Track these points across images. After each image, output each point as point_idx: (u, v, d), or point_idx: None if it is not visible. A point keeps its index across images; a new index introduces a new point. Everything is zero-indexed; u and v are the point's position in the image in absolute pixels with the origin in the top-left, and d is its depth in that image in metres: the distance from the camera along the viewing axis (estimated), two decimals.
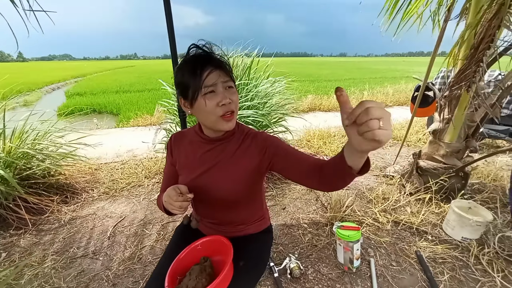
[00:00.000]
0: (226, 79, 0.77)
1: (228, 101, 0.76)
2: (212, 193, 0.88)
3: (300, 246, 1.69)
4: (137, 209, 2.18)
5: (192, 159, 0.90)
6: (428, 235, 1.70)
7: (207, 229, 1.00)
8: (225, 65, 0.79)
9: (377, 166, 2.83)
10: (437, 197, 1.98)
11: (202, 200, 0.91)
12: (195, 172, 0.89)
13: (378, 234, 1.74)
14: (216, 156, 0.88)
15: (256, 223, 1.02)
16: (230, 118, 0.78)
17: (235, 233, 0.99)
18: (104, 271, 1.54)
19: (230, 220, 0.96)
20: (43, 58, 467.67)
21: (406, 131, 2.24)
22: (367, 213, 1.98)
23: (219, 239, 0.86)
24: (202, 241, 0.89)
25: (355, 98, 7.35)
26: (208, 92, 0.75)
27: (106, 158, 3.26)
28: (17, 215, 1.96)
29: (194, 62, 0.76)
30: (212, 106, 0.75)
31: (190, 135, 0.94)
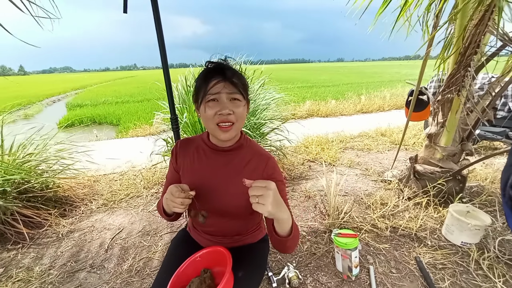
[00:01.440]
0: (232, 91, 0.79)
1: (226, 112, 0.78)
2: (213, 203, 0.88)
3: (299, 254, 1.68)
4: (135, 221, 2.18)
5: (197, 166, 0.91)
6: (428, 240, 1.69)
7: (204, 240, 1.00)
8: (236, 79, 0.80)
9: (375, 171, 2.83)
10: (436, 201, 1.98)
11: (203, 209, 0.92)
12: (198, 179, 0.89)
13: (377, 241, 1.73)
14: (221, 167, 0.89)
15: (253, 233, 1.02)
16: (226, 129, 0.80)
17: (232, 243, 0.99)
18: (102, 285, 1.53)
19: (227, 231, 0.96)
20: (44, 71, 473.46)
21: (402, 136, 2.25)
22: (366, 219, 1.97)
23: (218, 250, 0.86)
24: (201, 253, 0.89)
25: (352, 103, 7.40)
26: (211, 99, 0.78)
27: (105, 170, 3.27)
28: (15, 230, 1.95)
29: (207, 70, 0.80)
30: (211, 113, 0.78)
31: (197, 142, 0.95)
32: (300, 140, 4.10)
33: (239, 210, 0.89)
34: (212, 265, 0.88)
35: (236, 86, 0.79)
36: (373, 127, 4.88)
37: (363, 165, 3.08)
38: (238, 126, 0.82)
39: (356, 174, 2.84)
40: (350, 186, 2.53)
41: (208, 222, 0.96)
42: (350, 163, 3.16)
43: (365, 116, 6.41)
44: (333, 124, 5.58)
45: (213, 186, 0.89)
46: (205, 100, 0.79)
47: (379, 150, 3.64)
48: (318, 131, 4.62)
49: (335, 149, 3.65)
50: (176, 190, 0.77)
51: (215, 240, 0.98)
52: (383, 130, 4.60)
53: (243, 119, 0.84)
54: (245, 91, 0.83)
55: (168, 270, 0.90)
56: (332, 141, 4.09)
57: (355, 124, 5.44)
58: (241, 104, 0.81)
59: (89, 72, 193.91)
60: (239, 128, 0.84)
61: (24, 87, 23.06)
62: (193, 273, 0.86)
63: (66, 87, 21.90)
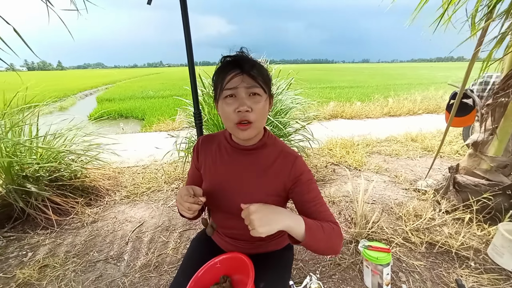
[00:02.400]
0: (251, 84, 0.71)
1: (245, 109, 0.70)
2: (234, 205, 0.82)
3: (322, 264, 1.58)
4: (155, 215, 2.19)
5: (219, 165, 0.85)
6: (471, 261, 1.51)
7: (225, 243, 0.94)
8: (256, 71, 0.72)
9: (406, 179, 2.62)
10: (480, 217, 1.77)
11: (223, 210, 0.86)
12: (219, 179, 0.84)
13: (411, 256, 1.57)
14: (244, 167, 0.83)
15: (277, 239, 0.94)
16: (245, 127, 0.73)
17: (254, 249, 0.92)
18: (121, 277, 1.54)
19: (250, 236, 0.89)
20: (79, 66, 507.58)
21: (440, 143, 2.04)
22: (397, 231, 1.81)
23: (240, 257, 0.81)
24: (221, 258, 0.83)
25: (379, 105, 7.03)
26: (228, 95, 0.72)
27: (129, 162, 3.36)
28: (45, 216, 2.04)
29: (225, 64, 0.74)
30: (230, 111, 0.72)
31: (219, 139, 0.89)
32: (324, 142, 3.94)
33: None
34: (232, 272, 0.82)
35: (256, 79, 0.71)
36: (402, 132, 4.58)
37: (392, 171, 2.88)
38: (258, 124, 0.75)
39: (385, 181, 2.65)
40: (378, 194, 2.36)
41: (230, 224, 0.89)
42: (378, 168, 2.96)
43: (393, 120, 6.05)
44: (358, 126, 5.33)
45: (235, 187, 0.82)
46: (222, 96, 0.73)
47: (409, 156, 3.39)
48: (342, 133, 4.42)
49: (360, 153, 3.45)
50: (185, 193, 0.72)
51: (236, 245, 0.91)
52: (413, 135, 4.29)
53: (264, 115, 0.76)
54: (267, 84, 0.75)
55: (185, 273, 0.85)
56: (358, 144, 3.88)
57: (382, 127, 5.15)
58: (261, 100, 0.73)
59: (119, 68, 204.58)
60: (260, 126, 0.77)
61: (61, 81, 24.79)
62: (212, 279, 0.81)
63: (98, 82, 23.21)
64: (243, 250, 0.89)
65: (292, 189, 0.80)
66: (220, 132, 0.91)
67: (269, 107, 0.79)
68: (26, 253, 1.76)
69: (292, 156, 0.81)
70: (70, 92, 14.54)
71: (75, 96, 13.86)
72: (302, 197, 0.78)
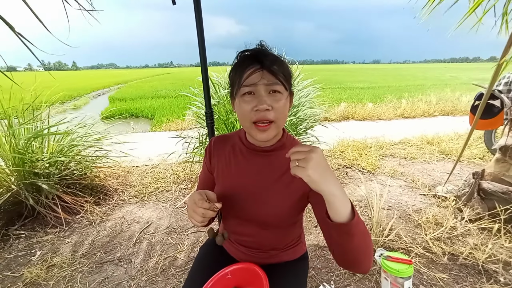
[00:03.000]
0: (272, 81, 0.65)
1: (264, 107, 0.64)
2: (250, 211, 0.76)
3: (336, 272, 1.49)
4: (163, 216, 2.15)
5: (233, 168, 0.79)
6: (500, 276, 1.39)
7: (236, 251, 0.88)
8: (277, 66, 0.66)
9: (424, 184, 2.49)
10: (508, 227, 1.64)
11: (236, 216, 0.80)
12: (233, 182, 0.78)
13: (432, 268, 1.47)
14: (261, 170, 0.77)
15: (292, 248, 0.87)
16: (264, 128, 0.67)
17: (267, 259, 0.85)
18: (127, 280, 1.50)
19: (263, 244, 0.83)
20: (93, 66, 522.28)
21: (463, 145, 1.91)
22: (416, 240, 1.70)
23: (252, 268, 0.75)
24: (232, 268, 0.78)
25: (392, 106, 6.83)
26: (246, 92, 0.66)
27: (138, 161, 3.36)
28: (54, 214, 2.04)
29: (243, 58, 0.68)
30: (248, 109, 0.66)
31: (233, 140, 0.83)
32: (335, 143, 3.84)
33: (279, 220, 0.76)
34: (243, 284, 0.76)
35: (276, 76, 0.65)
36: (416, 134, 4.41)
37: (408, 175, 2.75)
38: (278, 124, 0.69)
39: (400, 185, 2.53)
40: (394, 199, 2.25)
41: (243, 231, 0.83)
42: (393, 172, 2.84)
43: (407, 122, 5.85)
44: (370, 128, 5.18)
45: (250, 192, 0.76)
46: (239, 93, 0.67)
47: (426, 160, 3.24)
48: (354, 135, 4.30)
49: (374, 155, 3.33)
50: (199, 198, 0.65)
51: (249, 253, 0.85)
52: (429, 137, 4.11)
53: (284, 115, 0.69)
54: (288, 81, 0.69)
55: (194, 283, 0.80)
56: (371, 146, 3.75)
57: (396, 129, 4.98)
58: (282, 97, 0.67)
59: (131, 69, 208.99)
60: (280, 126, 0.70)
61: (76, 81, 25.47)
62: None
63: (110, 82, 23.69)
64: (256, 260, 0.83)
65: (313, 192, 0.72)
66: (235, 133, 0.86)
67: (289, 105, 0.72)
68: (35, 252, 1.75)
69: None
70: (83, 91, 14.88)
71: (89, 95, 14.16)
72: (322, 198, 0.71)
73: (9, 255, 1.72)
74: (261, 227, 0.79)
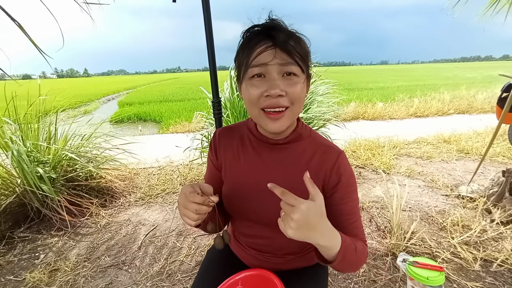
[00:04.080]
0: (287, 61, 0.54)
1: (277, 92, 0.54)
2: (262, 213, 0.67)
3: (354, 280, 1.37)
4: (169, 218, 2.08)
5: (242, 162, 0.69)
6: None
7: (247, 256, 0.78)
8: (292, 43, 0.55)
9: (445, 184, 2.33)
10: None
11: (247, 218, 0.71)
12: (242, 179, 0.69)
13: (462, 275, 1.33)
14: (274, 165, 0.67)
15: (310, 253, 0.77)
16: (276, 116, 0.56)
17: (282, 265, 0.75)
18: (131, 286, 1.42)
19: (279, 247, 0.73)
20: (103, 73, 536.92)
21: (490, 141, 1.76)
22: (441, 244, 1.56)
23: (266, 275, 0.66)
24: (243, 275, 0.68)
25: (404, 105, 6.62)
26: (256, 74, 0.55)
27: (145, 163, 3.31)
28: (60, 216, 2.00)
29: (252, 35, 0.57)
30: (257, 94, 0.56)
31: (241, 132, 0.73)
32: (346, 143, 3.70)
33: None
34: None
35: (292, 55, 0.54)
36: (431, 133, 4.22)
37: (427, 175, 2.59)
38: (294, 112, 0.58)
39: (419, 185, 2.38)
40: (413, 200, 2.10)
41: (255, 233, 0.73)
42: (409, 172, 2.68)
43: (420, 121, 5.64)
44: (381, 127, 5.01)
45: (262, 189, 0.66)
46: (247, 75, 0.57)
47: (444, 159, 3.07)
48: (365, 135, 4.14)
49: (387, 155, 3.18)
50: (191, 191, 0.54)
51: (261, 258, 0.75)
52: (446, 136, 3.92)
53: (301, 102, 0.58)
54: (305, 61, 0.57)
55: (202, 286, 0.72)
56: (383, 146, 3.60)
57: (409, 128, 4.79)
58: (298, 81, 0.56)
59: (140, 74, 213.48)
60: (295, 114, 0.60)
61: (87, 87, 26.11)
62: None
63: (120, 87, 24.19)
64: (270, 265, 0.73)
65: (330, 193, 0.63)
66: (242, 123, 0.75)
67: (306, 91, 0.61)
68: (38, 255, 1.70)
69: (335, 152, 0.64)
70: (94, 97, 15.21)
71: (99, 100, 14.46)
72: (339, 206, 0.63)
73: (13, 258, 1.67)
74: (276, 229, 0.69)
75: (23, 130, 2.14)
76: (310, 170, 0.63)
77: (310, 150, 0.65)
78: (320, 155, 0.64)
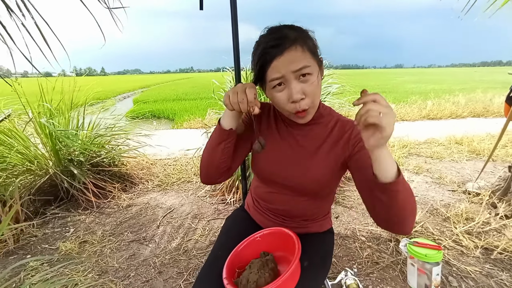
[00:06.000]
0: (300, 66, 0.61)
1: (298, 97, 0.63)
2: (289, 177, 0.77)
3: (357, 261, 1.46)
4: (185, 203, 2.23)
5: (276, 133, 0.80)
6: None
7: (264, 219, 0.89)
8: (300, 45, 0.62)
9: (453, 180, 2.37)
10: None
11: (273, 182, 0.81)
12: (275, 148, 0.79)
13: (462, 261, 1.39)
14: (299, 139, 0.77)
15: (321, 221, 0.87)
16: (302, 115, 0.68)
17: (296, 228, 0.85)
18: (152, 258, 1.57)
19: (295, 212, 0.84)
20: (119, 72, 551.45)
21: (498, 137, 1.81)
22: (444, 233, 1.62)
23: (283, 232, 0.75)
24: (262, 233, 0.78)
25: (416, 107, 6.55)
26: (276, 84, 0.64)
27: (161, 155, 3.49)
28: (86, 197, 2.18)
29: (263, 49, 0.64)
30: (283, 100, 0.66)
31: (269, 108, 0.84)
32: None
33: (319, 188, 0.76)
34: (273, 249, 0.76)
35: (302, 59, 0.62)
36: (443, 135, 4.20)
37: (435, 172, 2.62)
38: (315, 105, 0.69)
39: (427, 182, 2.42)
40: (420, 194, 2.15)
41: (275, 198, 0.84)
42: (418, 169, 2.72)
43: (433, 123, 5.58)
44: None
45: (289, 157, 0.77)
46: (269, 86, 0.66)
47: (454, 159, 3.08)
48: None
49: (397, 153, 3.21)
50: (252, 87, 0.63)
51: (278, 221, 0.86)
52: (458, 138, 3.90)
53: (318, 92, 0.68)
54: (315, 54, 0.66)
55: (223, 248, 0.81)
56: (393, 145, 3.62)
57: (421, 130, 4.77)
58: (313, 78, 0.64)
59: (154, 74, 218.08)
60: (316, 106, 0.71)
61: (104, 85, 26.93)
62: (252, 254, 0.76)
63: (135, 86, 24.91)
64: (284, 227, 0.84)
65: (352, 156, 0.71)
66: (268, 103, 0.86)
67: (321, 77, 0.70)
68: (69, 229, 1.88)
69: (351, 123, 0.76)
70: (111, 94, 15.77)
71: (115, 98, 14.96)
72: (365, 162, 0.65)
73: (47, 231, 1.86)
74: (297, 194, 0.79)
75: (55, 118, 2.35)
76: (330, 140, 0.74)
77: (330, 125, 0.76)
78: (339, 127, 0.75)
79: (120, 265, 1.51)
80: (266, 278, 0.62)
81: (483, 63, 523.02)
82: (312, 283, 0.74)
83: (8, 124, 2.17)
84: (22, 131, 2.18)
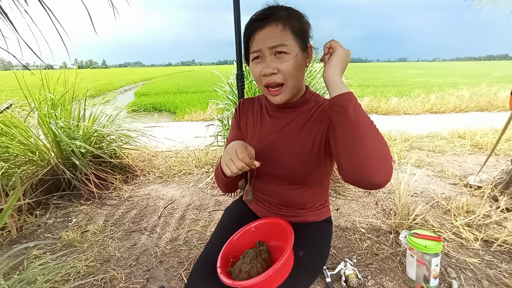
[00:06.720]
0: (275, 43, 0.64)
1: (269, 71, 0.66)
2: (276, 166, 0.78)
3: (357, 252, 1.47)
4: (186, 195, 2.24)
5: (260, 126, 0.83)
6: None
7: (262, 209, 0.90)
8: (281, 23, 0.65)
9: (454, 174, 2.36)
10: None
11: (266, 173, 0.81)
12: (259, 140, 0.81)
13: (461, 253, 1.40)
14: (285, 125, 0.78)
15: (318, 210, 0.88)
16: (274, 92, 0.69)
17: (294, 217, 0.86)
18: (153, 247, 1.58)
19: (291, 202, 0.84)
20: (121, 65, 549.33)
21: (502, 130, 1.79)
22: (444, 225, 1.62)
23: (277, 222, 0.76)
24: (257, 223, 0.79)
25: (419, 101, 6.49)
26: (255, 57, 0.69)
27: (162, 147, 3.50)
28: (88, 188, 2.20)
29: (250, 23, 0.70)
30: (257, 73, 0.69)
31: (260, 101, 0.88)
32: None
33: (303, 172, 0.76)
34: (268, 238, 0.77)
35: (281, 37, 0.64)
36: (446, 128, 4.16)
37: (436, 166, 2.61)
38: (290, 85, 0.69)
39: (428, 175, 2.41)
40: (420, 187, 2.15)
41: (270, 189, 0.85)
42: (419, 162, 2.71)
43: (436, 116, 5.54)
44: (394, 122, 4.97)
45: (276, 146, 0.78)
46: (250, 58, 0.71)
47: (456, 153, 3.06)
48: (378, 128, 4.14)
49: (399, 147, 3.20)
50: (242, 150, 0.65)
51: (275, 211, 0.86)
52: (460, 131, 3.87)
53: (296, 75, 0.68)
54: (299, 35, 0.66)
55: (220, 238, 0.82)
56: (395, 139, 3.60)
57: (423, 124, 4.73)
58: (289, 57, 0.65)
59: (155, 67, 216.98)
60: (294, 87, 0.70)
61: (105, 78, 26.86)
62: (247, 244, 0.77)
63: (136, 79, 24.82)
64: (283, 218, 0.84)
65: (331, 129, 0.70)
66: (261, 95, 0.89)
67: (307, 61, 0.72)
68: (71, 219, 1.91)
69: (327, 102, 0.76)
70: (112, 87, 15.71)
71: (116, 90, 14.92)
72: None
73: (49, 221, 1.89)
74: (289, 183, 0.80)
75: (57, 110, 2.35)
76: (310, 123, 0.74)
77: (314, 108, 0.76)
78: (320, 108, 0.75)
79: (121, 254, 1.53)
80: (258, 268, 0.63)
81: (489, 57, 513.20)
82: (310, 272, 0.75)
83: (9, 115, 2.17)
84: (23, 122, 2.18)
